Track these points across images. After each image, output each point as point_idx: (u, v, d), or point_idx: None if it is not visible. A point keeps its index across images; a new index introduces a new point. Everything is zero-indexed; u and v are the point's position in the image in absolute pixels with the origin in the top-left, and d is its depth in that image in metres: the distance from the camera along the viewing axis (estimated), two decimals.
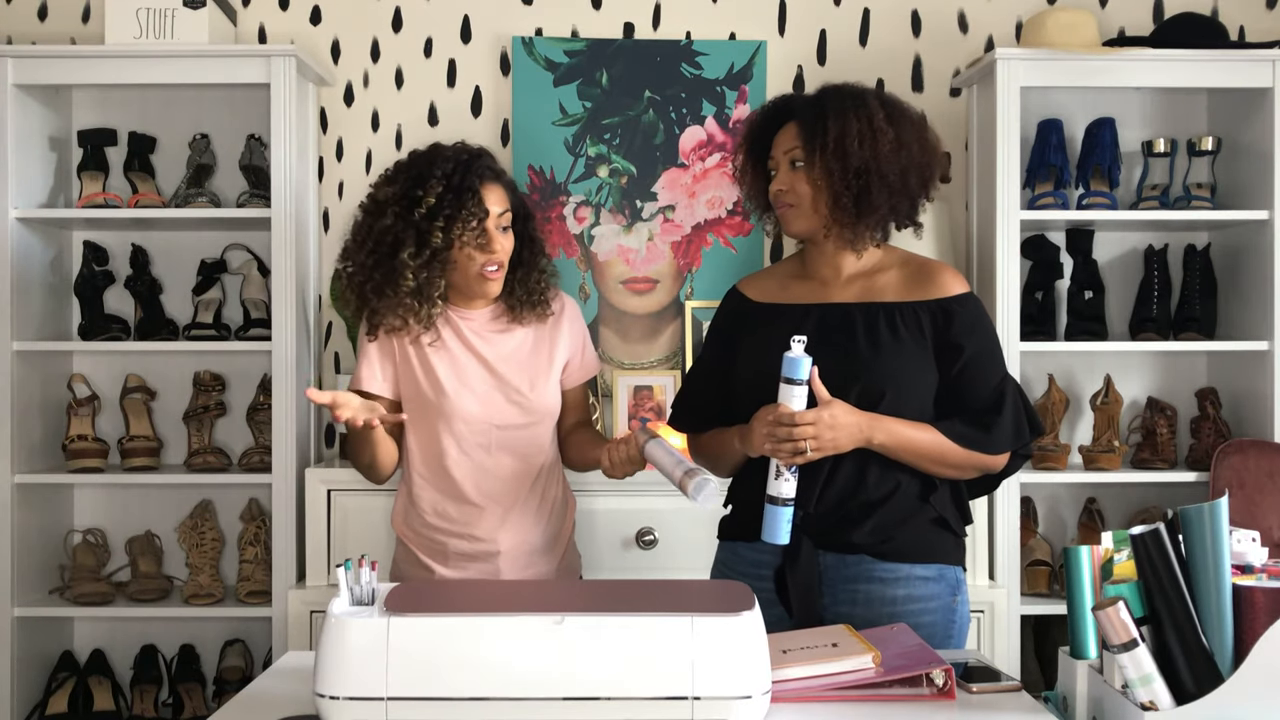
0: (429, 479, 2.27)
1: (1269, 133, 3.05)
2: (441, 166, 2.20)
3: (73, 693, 3.15)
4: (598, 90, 3.31)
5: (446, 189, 2.17)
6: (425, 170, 2.20)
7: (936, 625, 1.98)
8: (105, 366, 3.31)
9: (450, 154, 2.24)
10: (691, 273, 3.33)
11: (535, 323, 2.32)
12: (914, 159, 2.02)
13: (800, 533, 1.98)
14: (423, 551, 2.29)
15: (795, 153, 2.04)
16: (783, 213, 2.07)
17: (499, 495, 2.26)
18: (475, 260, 2.20)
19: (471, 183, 2.18)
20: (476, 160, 2.23)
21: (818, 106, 2.05)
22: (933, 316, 2.01)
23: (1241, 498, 2.96)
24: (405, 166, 2.25)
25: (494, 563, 2.25)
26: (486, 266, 2.22)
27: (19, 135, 3.08)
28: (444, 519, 2.26)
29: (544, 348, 2.31)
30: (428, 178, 2.18)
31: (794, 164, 2.04)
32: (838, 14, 3.37)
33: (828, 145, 2.00)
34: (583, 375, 2.38)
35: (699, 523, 2.47)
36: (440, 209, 2.16)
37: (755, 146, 2.13)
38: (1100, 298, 3.25)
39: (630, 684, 1.44)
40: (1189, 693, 1.44)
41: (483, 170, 2.22)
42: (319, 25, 3.36)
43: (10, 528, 3.04)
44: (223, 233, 3.31)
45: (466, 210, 2.17)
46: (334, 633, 1.46)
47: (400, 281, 2.17)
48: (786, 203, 2.05)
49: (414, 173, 2.21)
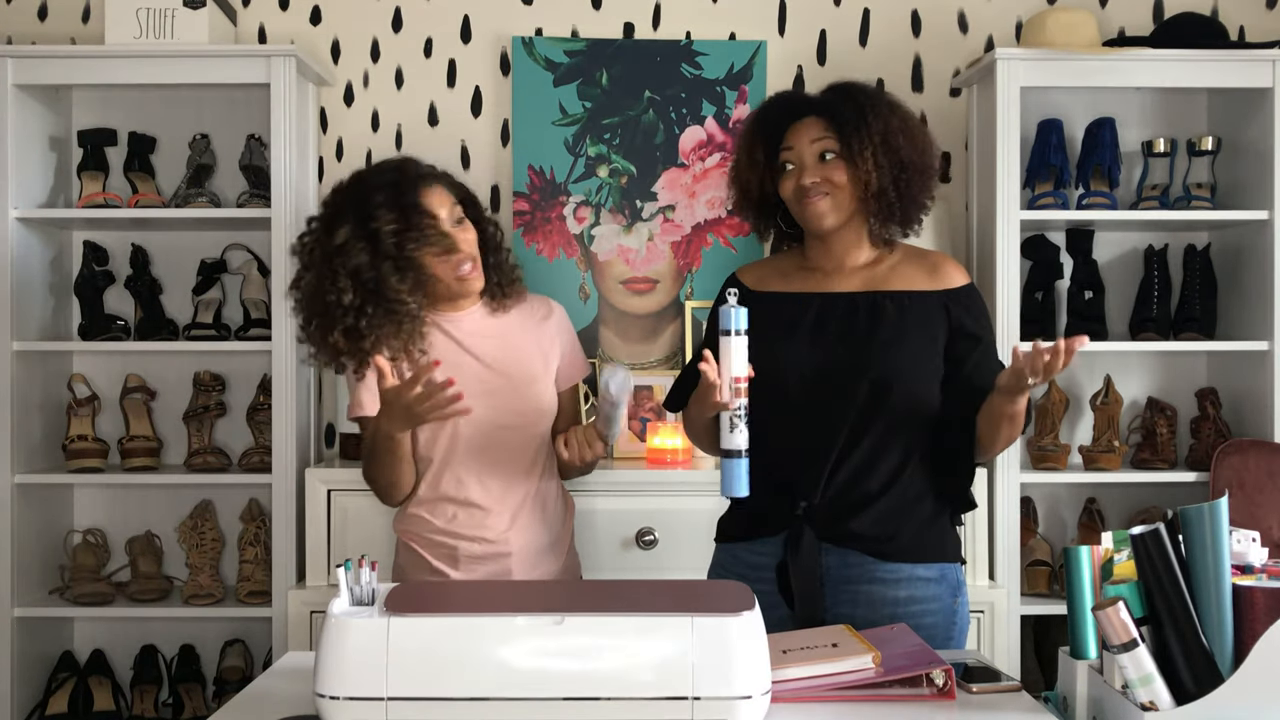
0: (436, 484, 2.26)
1: (1269, 133, 3.05)
2: (377, 194, 2.17)
3: (73, 693, 3.15)
4: (598, 90, 3.31)
5: (392, 209, 2.14)
6: (364, 201, 2.17)
7: (938, 626, 1.98)
8: (105, 366, 3.31)
9: (377, 177, 2.22)
10: (691, 273, 3.33)
11: (518, 308, 2.32)
12: (933, 159, 2.06)
13: (803, 524, 1.98)
14: (433, 556, 2.27)
15: (826, 144, 2.01)
16: (815, 204, 2.01)
17: (505, 496, 2.25)
18: (447, 265, 2.20)
19: (411, 196, 2.16)
20: (408, 172, 2.21)
21: (851, 101, 2.02)
22: (944, 307, 2.02)
23: (1241, 498, 2.96)
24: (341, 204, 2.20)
25: (505, 564, 2.25)
26: (461, 267, 2.21)
27: (19, 135, 3.08)
28: (453, 523, 2.25)
29: (537, 347, 2.31)
30: (371, 207, 2.15)
31: (824, 156, 2.01)
32: (838, 14, 3.37)
33: (873, 138, 1.98)
34: (572, 377, 2.38)
35: (699, 523, 2.47)
36: (397, 232, 2.14)
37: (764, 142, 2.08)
38: (1100, 298, 3.25)
39: (630, 684, 1.44)
40: (1189, 693, 1.44)
41: (414, 179, 2.20)
42: (319, 25, 3.36)
43: (10, 528, 3.04)
44: (223, 233, 3.31)
45: (416, 225, 2.14)
46: (334, 633, 1.46)
47: (400, 309, 2.15)
48: (822, 192, 2.01)
49: (355, 206, 2.17)
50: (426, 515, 2.27)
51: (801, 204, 2.03)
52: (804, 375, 1.99)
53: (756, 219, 2.18)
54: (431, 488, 2.26)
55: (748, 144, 2.10)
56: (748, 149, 2.10)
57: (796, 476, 1.99)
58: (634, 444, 3.19)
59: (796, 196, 2.03)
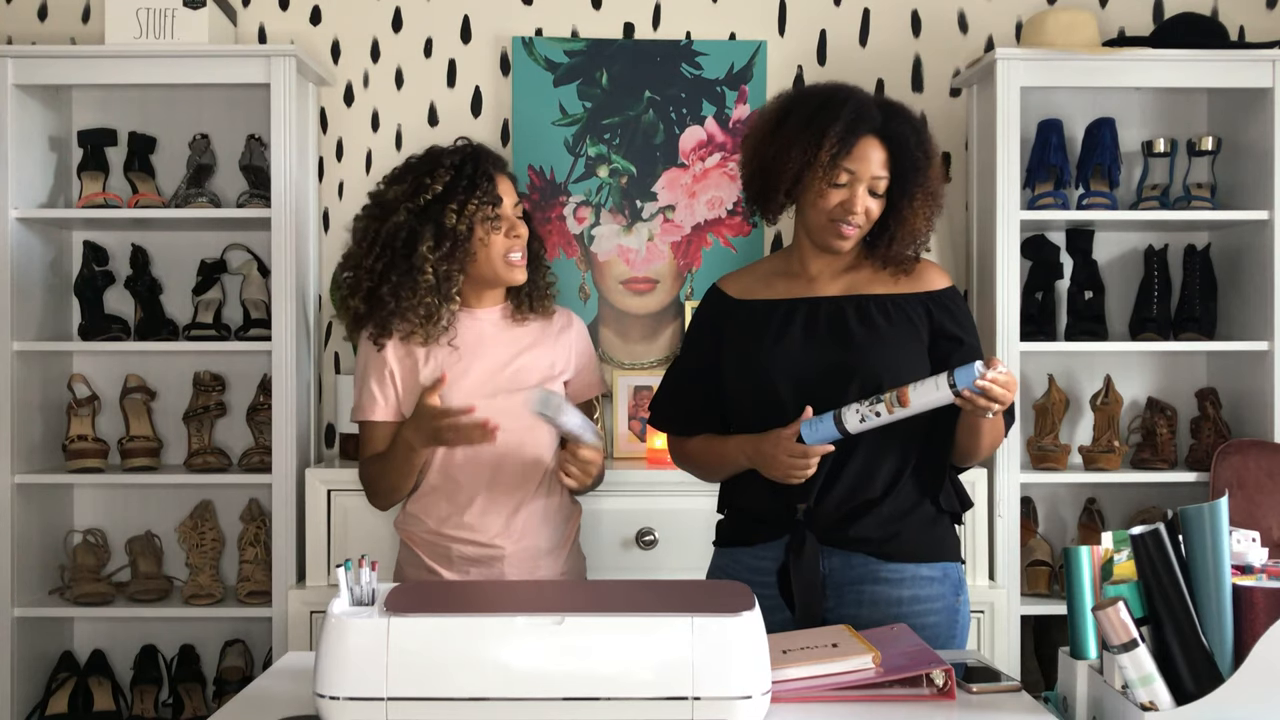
0: (435, 482, 2.26)
1: (1269, 133, 3.05)
2: (450, 158, 2.21)
3: (73, 693, 3.15)
4: (598, 90, 3.31)
5: (458, 176, 2.17)
6: (432, 165, 2.20)
7: (940, 625, 1.99)
8: (105, 366, 3.31)
9: (455, 149, 2.25)
10: (691, 273, 3.33)
11: (539, 321, 2.32)
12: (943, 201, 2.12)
13: (804, 529, 1.98)
14: (427, 554, 2.28)
15: (880, 183, 2.00)
16: (844, 230, 1.99)
17: (504, 498, 2.25)
18: (498, 247, 2.20)
19: (485, 169, 2.20)
20: (484, 151, 2.25)
21: (918, 143, 2.01)
22: (926, 309, 2.03)
23: (1241, 498, 2.96)
24: (409, 166, 2.25)
25: (499, 566, 2.25)
26: (511, 252, 2.21)
27: (19, 135, 3.08)
28: (448, 523, 2.25)
29: (547, 353, 2.30)
30: (434, 169, 2.18)
31: (874, 192, 2.00)
32: (838, 14, 3.37)
33: (921, 187, 2.01)
34: (586, 392, 2.37)
35: (699, 523, 2.47)
36: (454, 194, 2.15)
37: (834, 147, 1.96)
38: (1100, 298, 3.25)
39: (630, 684, 1.44)
40: (1189, 693, 1.44)
41: (493, 159, 2.25)
42: (319, 25, 3.36)
43: (10, 528, 3.03)
44: (223, 233, 3.31)
45: (483, 195, 2.17)
46: (334, 633, 1.46)
47: (420, 278, 2.15)
48: (856, 224, 2.00)
49: (420, 169, 2.21)
50: (423, 516, 2.27)
51: (833, 224, 2.00)
52: (795, 379, 1.99)
53: (763, 199, 2.07)
54: (429, 487, 2.26)
55: (812, 139, 1.96)
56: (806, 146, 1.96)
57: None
58: (634, 444, 3.19)
59: (834, 214, 1.99)
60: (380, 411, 2.25)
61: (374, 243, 2.19)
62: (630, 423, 3.20)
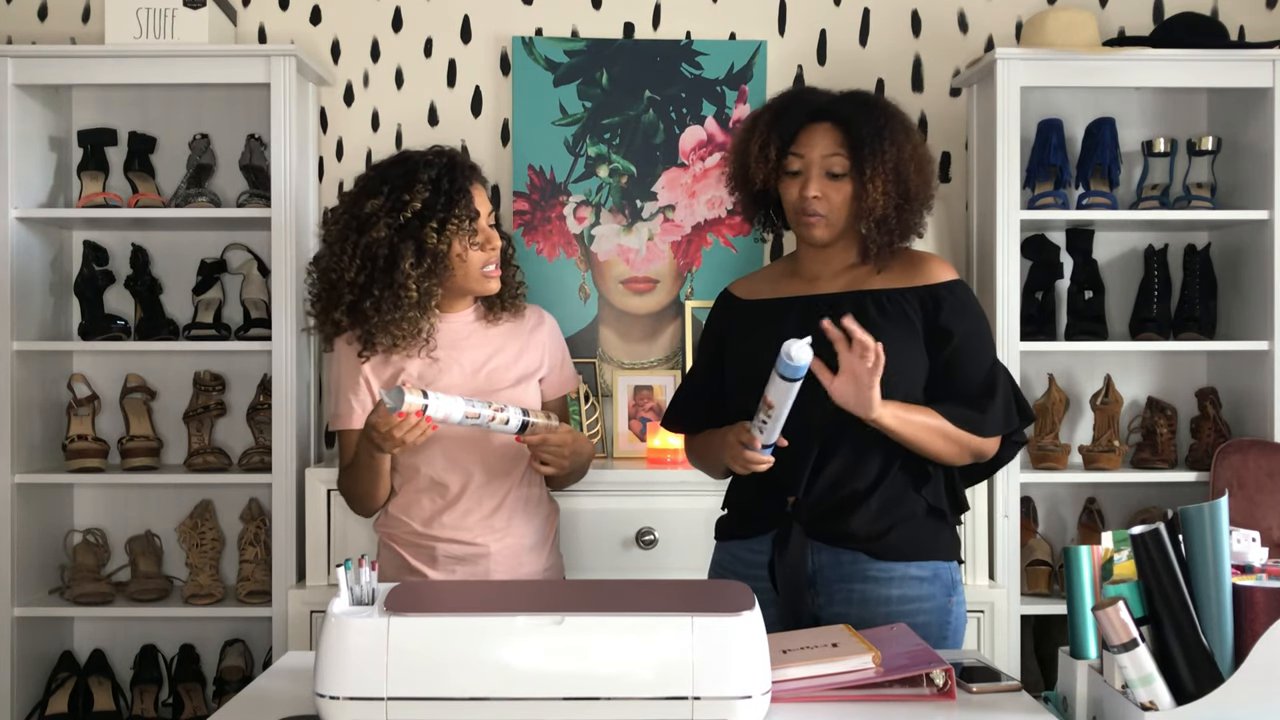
0: (416, 484, 2.26)
1: (1269, 133, 3.05)
2: (425, 171, 2.17)
3: (73, 693, 3.15)
4: (598, 90, 3.31)
5: (436, 192, 2.15)
6: (408, 179, 2.17)
7: (931, 625, 1.98)
8: (105, 366, 3.31)
9: (430, 159, 2.21)
10: (691, 273, 3.33)
11: (511, 321, 2.32)
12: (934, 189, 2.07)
13: (791, 520, 1.99)
14: (411, 555, 2.27)
15: (834, 162, 2.00)
16: (810, 221, 2.02)
17: (483, 499, 2.25)
18: (476, 262, 2.20)
19: (462, 184, 2.18)
20: (460, 162, 2.22)
21: (870, 120, 2.00)
22: (921, 302, 2.02)
23: (1241, 498, 2.96)
24: (384, 176, 2.20)
25: (483, 564, 2.25)
26: (486, 266, 2.22)
27: (19, 135, 3.08)
28: (431, 524, 2.25)
29: (521, 352, 2.31)
30: (412, 184, 2.16)
31: (830, 173, 2.00)
32: (838, 14, 3.37)
33: (885, 165, 1.97)
34: (561, 389, 2.38)
35: (698, 523, 2.47)
36: (433, 212, 2.14)
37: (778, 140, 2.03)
38: (1100, 298, 3.25)
39: (630, 684, 1.44)
40: (1189, 693, 1.44)
41: (468, 170, 2.22)
42: (319, 25, 3.36)
43: (10, 528, 3.04)
44: (223, 233, 3.31)
45: (461, 212, 2.16)
46: (334, 633, 1.46)
47: (403, 294, 2.14)
48: (817, 212, 2.01)
49: (397, 183, 2.17)
50: (404, 517, 2.27)
51: (798, 216, 2.04)
52: None
53: (749, 206, 2.16)
54: (411, 489, 2.26)
55: (760, 137, 2.05)
56: (759, 142, 2.04)
57: (783, 474, 1.99)
58: (634, 444, 3.19)
59: (797, 205, 2.03)
60: (357, 420, 2.25)
61: (354, 255, 2.16)
62: (630, 423, 3.20)
